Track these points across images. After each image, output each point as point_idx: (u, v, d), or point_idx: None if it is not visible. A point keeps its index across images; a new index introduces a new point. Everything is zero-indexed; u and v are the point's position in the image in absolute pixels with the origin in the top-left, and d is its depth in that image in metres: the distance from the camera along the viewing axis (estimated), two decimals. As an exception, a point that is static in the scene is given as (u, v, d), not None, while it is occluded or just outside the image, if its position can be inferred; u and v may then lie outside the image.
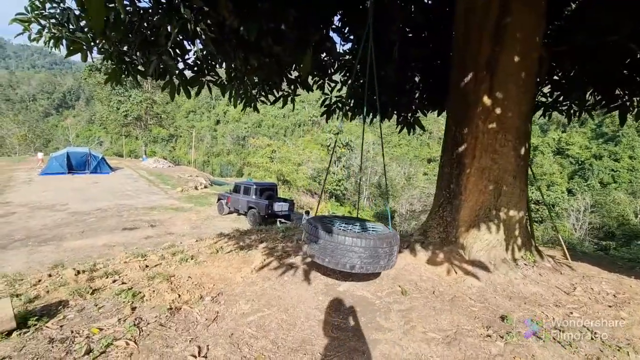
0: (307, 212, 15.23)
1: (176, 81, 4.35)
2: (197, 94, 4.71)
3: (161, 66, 3.95)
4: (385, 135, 78.32)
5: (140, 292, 2.88)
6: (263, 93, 5.46)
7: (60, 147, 42.75)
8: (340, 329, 2.48)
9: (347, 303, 2.83)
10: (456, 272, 3.55)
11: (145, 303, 2.74)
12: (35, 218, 13.41)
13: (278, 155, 38.47)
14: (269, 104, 5.70)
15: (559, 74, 5.84)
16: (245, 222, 14.55)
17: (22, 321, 2.41)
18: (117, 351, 2.11)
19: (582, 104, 5.58)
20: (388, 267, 2.76)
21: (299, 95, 6.04)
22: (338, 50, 5.01)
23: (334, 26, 4.46)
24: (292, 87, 5.55)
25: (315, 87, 5.69)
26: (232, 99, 5.23)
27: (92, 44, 4.04)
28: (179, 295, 2.87)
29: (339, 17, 4.50)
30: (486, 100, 3.65)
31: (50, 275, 3.67)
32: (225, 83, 4.88)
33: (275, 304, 2.75)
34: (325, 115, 5.39)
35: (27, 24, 3.94)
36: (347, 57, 5.39)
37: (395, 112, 5.74)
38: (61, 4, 4.08)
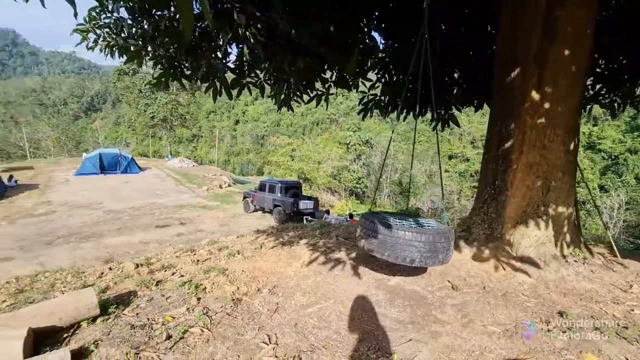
0: (327, 212, 15.36)
1: (218, 83, 4.54)
2: (238, 95, 4.88)
3: (204, 70, 4.14)
4: (404, 132, 77.26)
5: (201, 284, 3.04)
6: (298, 93, 5.57)
7: (90, 149, 44.84)
8: (398, 322, 2.54)
9: (400, 297, 2.89)
10: (504, 269, 3.53)
11: (208, 294, 2.90)
12: (74, 216, 14.16)
13: (298, 154, 38.74)
14: (304, 103, 5.81)
15: (603, 66, 5.63)
16: (271, 220, 14.81)
17: (103, 309, 2.61)
18: (194, 337, 2.26)
19: (628, 96, 5.36)
20: (445, 262, 2.80)
21: (332, 94, 6.13)
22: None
23: (373, 25, 4.50)
24: (327, 86, 5.64)
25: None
26: (274, 99, 5.36)
27: (143, 51, 4.27)
28: (238, 288, 3.01)
29: (377, 15, 4.54)
30: (534, 95, 3.59)
31: (110, 269, 3.90)
32: (264, 84, 5.02)
33: (331, 297, 2.85)
34: (362, 114, 5.44)
35: (85, 33, 4.21)
36: (382, 55, 5.41)
37: (431, 108, 5.72)
38: (114, 14, 4.34)
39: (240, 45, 4.25)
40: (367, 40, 4.16)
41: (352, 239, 4.73)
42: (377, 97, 5.33)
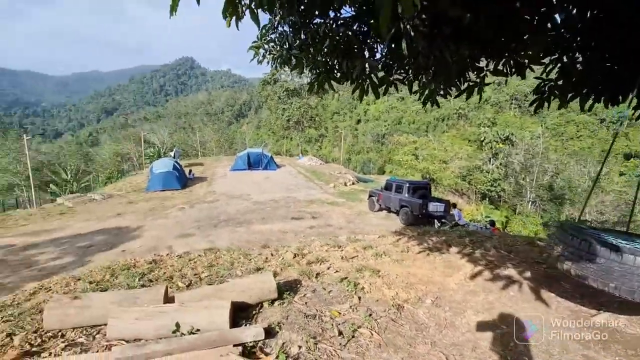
0: (454, 205, 13.84)
1: (365, 83, 4.52)
2: (385, 93, 4.76)
3: (359, 70, 4.15)
4: (554, 127, 63.36)
5: (358, 283, 3.04)
6: (446, 87, 5.06)
7: (239, 149, 53.91)
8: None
9: (618, 342, 2.19)
10: None
11: (367, 295, 2.86)
12: (231, 205, 17.14)
13: (422, 153, 36.73)
14: (452, 97, 5.26)
15: None
16: (396, 220, 14.45)
17: (278, 293, 2.88)
18: (364, 339, 2.23)
19: None
20: None
21: (489, 84, 5.34)
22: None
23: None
24: (482, 75, 4.94)
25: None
26: (420, 95, 5.05)
27: (304, 59, 4.62)
28: (397, 293, 2.88)
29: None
30: None
31: (272, 255, 4.34)
32: (413, 79, 4.75)
33: (511, 322, 2.41)
34: (535, 105, 4.53)
35: (257, 49, 4.86)
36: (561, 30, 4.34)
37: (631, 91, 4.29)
38: (279, 28, 4.85)
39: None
40: (557, 16, 3.35)
41: (516, 252, 3.99)
42: (556, 83, 4.32)
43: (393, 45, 3.82)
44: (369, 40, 4.06)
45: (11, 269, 8.80)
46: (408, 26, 3.30)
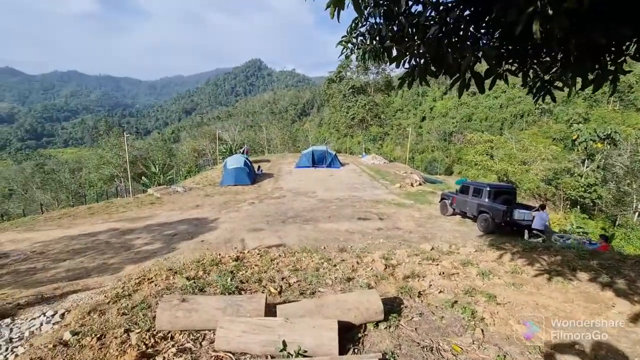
0: (543, 207, 11.98)
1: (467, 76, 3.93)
2: (491, 87, 4.12)
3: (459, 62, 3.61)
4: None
5: (475, 311, 2.57)
6: (575, 76, 4.19)
7: (301, 146, 55.17)
8: None
9: None
10: None
11: (491, 328, 2.38)
12: (297, 201, 17.42)
13: (499, 153, 33.31)
14: (575, 90, 4.36)
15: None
16: (473, 227, 13.16)
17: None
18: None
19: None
20: None
21: (630, 71, 4.32)
22: None
23: None
24: (619, 61, 3.98)
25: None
26: (530, 89, 4.29)
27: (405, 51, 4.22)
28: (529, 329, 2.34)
29: None
30: None
31: (358, 263, 4.03)
32: (526, 70, 4.02)
33: None
34: None
35: (346, 43, 4.59)
36: None
37: None
38: (369, 20, 4.51)
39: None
40: None
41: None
42: None
43: (515, 30, 3.22)
44: (481, 27, 3.48)
45: (114, 251, 10.03)
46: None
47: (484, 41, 3.58)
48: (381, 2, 4.03)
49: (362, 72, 34.74)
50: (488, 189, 12.72)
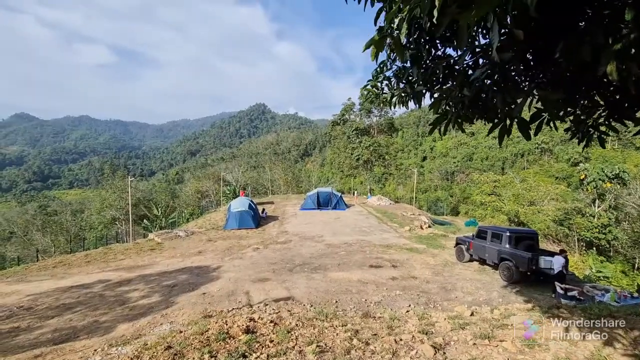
0: (563, 251, 11.08)
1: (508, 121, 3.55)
2: (537, 132, 3.71)
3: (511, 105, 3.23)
4: (680, 161, 52.60)
5: None
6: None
7: (304, 187, 54.95)
8: None
9: None
10: None
11: None
12: (304, 247, 16.59)
13: (506, 193, 32.74)
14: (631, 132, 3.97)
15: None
16: (495, 275, 12.24)
17: None
18: None
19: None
20: None
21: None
22: None
23: None
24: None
25: None
26: (575, 132, 3.89)
27: (427, 92, 3.91)
28: None
29: None
30: None
31: (396, 342, 3.34)
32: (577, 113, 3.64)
33: None
34: None
35: (373, 88, 4.31)
36: None
37: None
38: (395, 64, 4.26)
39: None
40: None
41: None
42: None
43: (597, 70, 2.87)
44: (536, 68, 3.14)
45: (108, 306, 9.17)
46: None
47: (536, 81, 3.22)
48: (408, 45, 3.79)
49: (365, 115, 35.43)
50: (508, 234, 12.00)
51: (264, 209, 25.23)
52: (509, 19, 1.52)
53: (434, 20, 1.95)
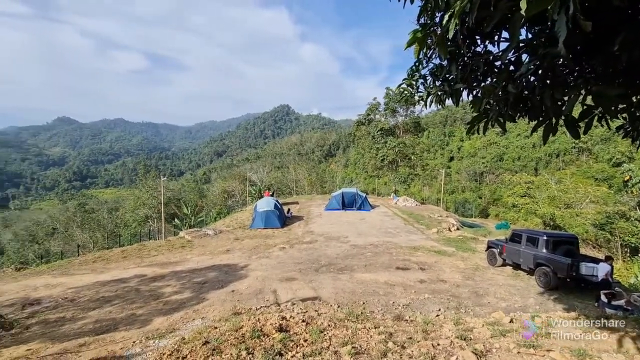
0: (609, 258, 10.33)
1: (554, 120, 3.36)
2: (586, 130, 3.49)
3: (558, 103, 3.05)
4: None
5: None
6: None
7: (328, 187, 54.92)
8: None
9: None
10: None
11: None
12: (330, 247, 16.57)
13: (541, 195, 31.12)
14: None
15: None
16: (530, 281, 11.65)
17: None
18: None
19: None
20: None
21: None
22: None
23: None
24: None
25: None
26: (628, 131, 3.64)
27: (465, 90, 3.79)
28: None
29: None
30: None
31: (434, 346, 3.25)
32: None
33: None
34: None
35: (408, 87, 4.23)
36: None
37: None
38: (431, 61, 4.15)
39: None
40: None
41: None
42: None
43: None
44: (587, 62, 2.96)
45: (143, 300, 9.61)
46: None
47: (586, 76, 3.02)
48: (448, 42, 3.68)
49: (391, 115, 34.91)
50: (545, 237, 11.38)
51: (289, 209, 25.49)
52: (572, 9, 1.42)
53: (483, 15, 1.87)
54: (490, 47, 3.67)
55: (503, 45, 3.37)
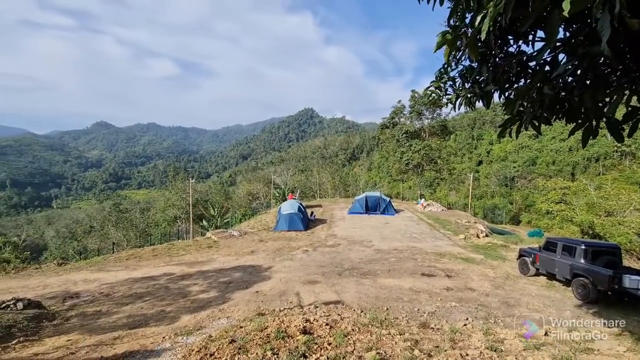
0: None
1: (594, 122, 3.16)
2: (631, 133, 3.27)
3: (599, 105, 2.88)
4: None
5: None
6: None
7: (351, 191, 54.64)
8: None
9: None
10: None
11: None
12: (353, 251, 16.44)
13: (579, 201, 29.31)
14: None
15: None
16: (567, 292, 10.97)
17: None
18: None
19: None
20: None
21: None
22: None
23: None
24: None
25: None
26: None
27: (496, 92, 3.67)
28: None
29: None
30: None
31: (462, 357, 3.14)
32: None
33: None
34: None
35: (436, 90, 4.16)
36: None
37: None
38: (460, 63, 4.06)
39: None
40: None
41: None
42: None
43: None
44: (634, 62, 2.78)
45: (172, 297, 9.98)
46: None
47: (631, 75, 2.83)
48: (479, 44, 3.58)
49: (416, 117, 34.32)
50: (583, 247, 10.69)
51: (312, 212, 25.60)
52: (617, 7, 1.34)
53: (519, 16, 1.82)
54: (523, 47, 3.55)
55: (537, 45, 3.24)
